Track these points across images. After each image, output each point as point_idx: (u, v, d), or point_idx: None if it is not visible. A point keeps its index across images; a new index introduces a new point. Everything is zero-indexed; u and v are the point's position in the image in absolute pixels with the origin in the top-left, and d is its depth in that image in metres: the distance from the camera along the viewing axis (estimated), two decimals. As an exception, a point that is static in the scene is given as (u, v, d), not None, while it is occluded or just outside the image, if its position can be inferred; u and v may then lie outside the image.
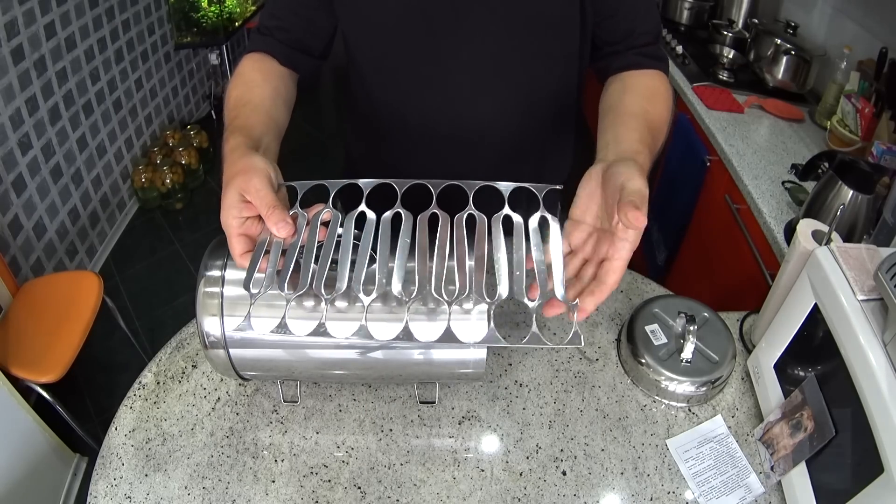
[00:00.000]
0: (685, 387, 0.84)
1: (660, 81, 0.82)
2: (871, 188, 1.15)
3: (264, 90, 0.78)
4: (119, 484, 0.76)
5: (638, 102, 0.76)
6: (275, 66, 0.85)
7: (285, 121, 0.80)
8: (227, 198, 0.59)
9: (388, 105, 0.93)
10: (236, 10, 3.07)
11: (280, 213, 0.59)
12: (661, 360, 0.85)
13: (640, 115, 0.72)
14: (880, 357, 0.63)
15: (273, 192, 0.60)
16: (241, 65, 0.84)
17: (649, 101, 0.77)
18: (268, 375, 0.83)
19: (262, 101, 0.76)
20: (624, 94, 0.78)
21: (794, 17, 2.03)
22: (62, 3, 2.13)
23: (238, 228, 0.60)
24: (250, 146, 0.65)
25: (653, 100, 0.78)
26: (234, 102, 0.76)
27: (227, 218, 0.60)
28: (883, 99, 1.50)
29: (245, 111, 0.74)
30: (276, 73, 0.84)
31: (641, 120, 0.71)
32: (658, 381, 0.85)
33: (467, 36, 0.82)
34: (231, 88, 0.79)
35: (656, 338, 0.88)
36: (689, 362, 0.85)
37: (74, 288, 1.73)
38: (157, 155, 2.75)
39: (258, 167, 0.60)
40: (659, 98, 0.79)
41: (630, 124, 0.70)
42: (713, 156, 1.70)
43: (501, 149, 0.94)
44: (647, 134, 0.69)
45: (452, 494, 0.76)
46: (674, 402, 0.86)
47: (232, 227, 0.60)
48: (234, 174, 0.60)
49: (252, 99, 0.76)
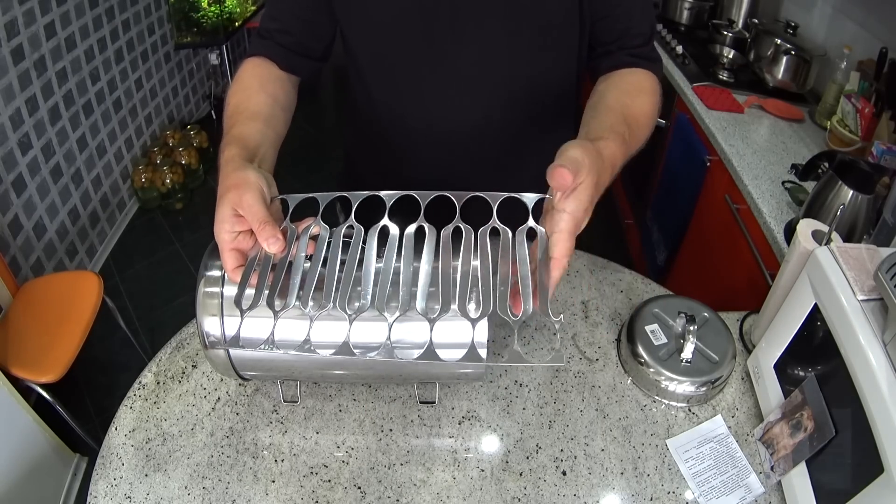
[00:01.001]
0: (685, 387, 0.84)
1: (645, 77, 0.83)
2: (871, 188, 1.15)
3: (261, 97, 0.78)
4: (119, 484, 0.76)
5: (617, 97, 0.77)
6: (274, 71, 0.85)
7: (284, 127, 0.80)
8: (220, 212, 0.61)
9: (387, 104, 0.93)
10: (236, 10, 3.08)
11: (271, 229, 0.59)
12: (661, 360, 0.85)
13: (616, 109, 0.74)
14: (880, 357, 0.63)
15: (265, 208, 0.60)
16: (241, 70, 0.84)
17: (630, 95, 0.78)
18: (268, 375, 0.83)
19: (259, 108, 0.76)
20: (607, 91, 0.79)
21: (794, 17, 2.04)
22: (62, 3, 2.13)
23: (230, 243, 0.61)
24: (246, 158, 0.66)
25: (634, 94, 0.79)
26: (231, 110, 0.76)
27: (220, 232, 0.61)
28: (883, 99, 1.50)
29: (242, 119, 0.74)
30: (275, 77, 0.84)
31: (618, 112, 0.72)
32: (658, 381, 0.85)
33: (465, 36, 0.82)
34: (230, 95, 0.79)
35: (656, 338, 0.88)
36: (689, 362, 0.85)
37: (74, 288, 1.73)
38: (157, 155, 2.75)
39: (251, 182, 0.61)
40: (642, 93, 0.80)
41: (603, 116, 0.72)
42: (713, 156, 1.70)
43: (500, 148, 0.94)
44: (620, 123, 0.69)
45: (452, 494, 0.76)
46: (674, 402, 0.86)
47: (224, 241, 0.61)
48: (228, 188, 0.61)
49: (249, 106, 0.76)
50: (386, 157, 1.01)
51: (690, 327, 0.84)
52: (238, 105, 0.77)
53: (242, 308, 0.59)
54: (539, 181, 0.62)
